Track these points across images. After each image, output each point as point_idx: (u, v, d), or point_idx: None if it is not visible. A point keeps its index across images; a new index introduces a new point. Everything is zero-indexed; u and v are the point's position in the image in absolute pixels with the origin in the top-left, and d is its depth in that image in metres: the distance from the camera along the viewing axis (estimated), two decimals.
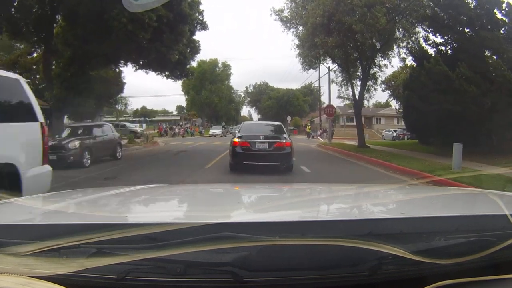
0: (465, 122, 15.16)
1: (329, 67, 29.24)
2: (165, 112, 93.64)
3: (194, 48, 21.16)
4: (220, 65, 74.94)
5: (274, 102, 69.32)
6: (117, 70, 28.03)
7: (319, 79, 38.46)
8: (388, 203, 1.83)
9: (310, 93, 69.80)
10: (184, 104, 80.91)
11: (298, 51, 21.25)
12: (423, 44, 18.31)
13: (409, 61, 20.61)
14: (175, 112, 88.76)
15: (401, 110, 44.43)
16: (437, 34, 17.50)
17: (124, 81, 44.92)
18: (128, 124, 44.46)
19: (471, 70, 14.99)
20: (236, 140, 10.80)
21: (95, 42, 15.91)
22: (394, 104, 47.47)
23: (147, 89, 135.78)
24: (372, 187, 2.53)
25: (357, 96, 22.22)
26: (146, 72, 21.57)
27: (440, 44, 17.57)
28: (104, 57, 17.74)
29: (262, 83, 78.97)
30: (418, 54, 18.14)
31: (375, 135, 46.61)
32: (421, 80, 15.31)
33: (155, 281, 0.98)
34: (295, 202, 1.88)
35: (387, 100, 63.93)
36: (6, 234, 1.06)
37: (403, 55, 20.42)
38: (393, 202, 1.86)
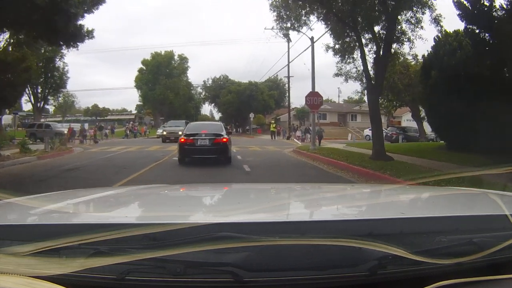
0: None
1: (312, 37, 19.70)
2: (122, 111, 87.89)
3: None
4: (176, 57, 67.29)
5: (234, 97, 59.24)
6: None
7: (288, 56, 30.81)
8: (388, 203, 1.82)
9: (276, 87, 62.30)
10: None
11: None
12: None
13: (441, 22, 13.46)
14: (134, 111, 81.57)
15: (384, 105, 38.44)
16: None
17: (68, 75, 40.97)
18: (54, 124, 37.01)
19: None
20: (183, 138, 13.07)
21: None
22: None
23: (105, 86, 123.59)
24: (372, 187, 2.53)
25: (371, 74, 13.06)
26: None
27: None
28: None
29: (222, 77, 69.36)
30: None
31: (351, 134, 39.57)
32: None
33: (155, 281, 0.96)
34: (295, 202, 1.87)
35: (360, 96, 58.09)
36: (6, 234, 1.06)
37: (436, 13, 12.88)
38: (393, 202, 1.83)
